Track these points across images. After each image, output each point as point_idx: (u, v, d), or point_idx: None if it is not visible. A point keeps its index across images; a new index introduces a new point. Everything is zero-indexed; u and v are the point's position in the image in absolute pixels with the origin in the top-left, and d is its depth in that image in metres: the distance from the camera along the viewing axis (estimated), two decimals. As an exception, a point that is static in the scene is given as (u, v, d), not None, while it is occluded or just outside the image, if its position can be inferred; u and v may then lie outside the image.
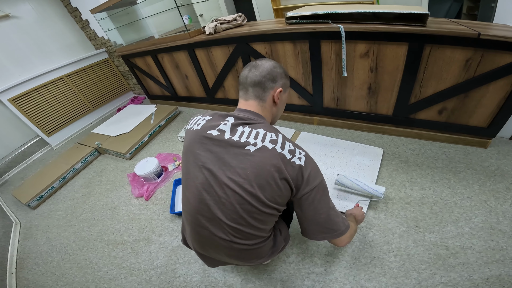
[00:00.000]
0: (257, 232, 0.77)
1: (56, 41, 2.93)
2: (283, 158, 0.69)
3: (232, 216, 0.72)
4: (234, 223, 0.72)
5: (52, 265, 1.46)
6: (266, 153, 0.69)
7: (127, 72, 3.47)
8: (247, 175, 0.68)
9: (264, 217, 0.74)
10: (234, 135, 0.73)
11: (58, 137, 2.96)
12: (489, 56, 1.19)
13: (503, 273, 0.96)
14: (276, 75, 0.80)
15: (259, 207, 0.71)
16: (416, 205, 1.28)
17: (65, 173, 2.16)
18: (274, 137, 0.72)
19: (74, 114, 3.07)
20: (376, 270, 1.07)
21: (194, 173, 0.76)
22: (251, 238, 0.77)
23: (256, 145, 0.70)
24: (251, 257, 0.83)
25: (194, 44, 2.12)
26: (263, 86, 0.80)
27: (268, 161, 0.68)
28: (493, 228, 1.11)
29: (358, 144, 1.73)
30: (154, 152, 2.26)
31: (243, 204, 0.70)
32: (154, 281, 1.25)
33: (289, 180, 0.70)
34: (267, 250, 0.85)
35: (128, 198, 1.80)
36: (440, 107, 1.47)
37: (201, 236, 0.79)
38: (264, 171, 0.68)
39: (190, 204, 0.77)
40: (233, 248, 0.77)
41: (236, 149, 0.71)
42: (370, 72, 1.53)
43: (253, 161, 0.69)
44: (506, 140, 1.53)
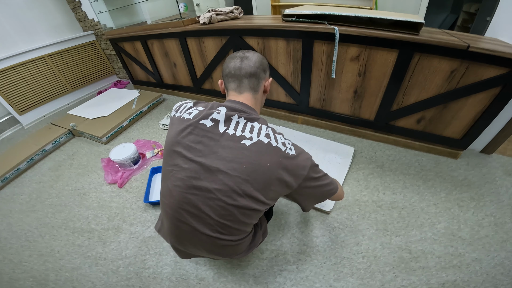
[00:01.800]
0: (243, 227, 0.76)
1: (43, 22, 2.77)
2: (278, 151, 0.69)
3: (221, 212, 0.70)
4: (223, 219, 0.71)
5: (11, 252, 1.36)
6: (263, 147, 0.68)
7: (113, 56, 3.33)
8: (243, 170, 0.67)
9: (253, 213, 0.74)
10: (229, 127, 0.71)
11: (30, 116, 2.77)
12: (474, 69, 1.23)
13: (458, 279, 1.02)
14: (266, 66, 0.83)
15: (251, 204, 0.69)
16: (386, 209, 1.32)
17: (34, 154, 2.02)
18: (268, 131, 0.72)
19: (51, 94, 2.89)
20: (344, 270, 1.10)
21: (181, 165, 0.72)
22: (236, 234, 0.76)
23: (252, 139, 0.68)
24: (231, 252, 0.82)
25: (186, 32, 2.06)
26: (258, 77, 0.80)
27: (265, 156, 0.67)
28: (454, 235, 1.18)
29: (332, 142, 1.78)
30: (133, 138, 2.18)
31: (236, 200, 0.68)
32: (121, 271, 1.20)
33: (288, 172, 0.70)
34: (246, 246, 0.85)
35: (100, 184, 1.72)
36: (419, 116, 1.53)
37: (181, 231, 0.76)
38: (261, 166, 0.67)
39: (173, 198, 0.73)
40: (215, 245, 0.76)
41: (231, 143, 0.68)
42: (358, 76, 1.55)
43: (249, 156, 0.67)
44: (476, 152, 1.62)
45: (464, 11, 2.97)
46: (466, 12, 2.94)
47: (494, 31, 1.40)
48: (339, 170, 1.54)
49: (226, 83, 0.83)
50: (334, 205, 1.35)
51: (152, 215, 1.44)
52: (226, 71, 0.82)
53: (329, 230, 1.26)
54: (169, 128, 0.80)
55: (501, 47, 1.15)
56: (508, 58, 1.12)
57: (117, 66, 3.46)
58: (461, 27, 3.03)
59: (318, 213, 1.34)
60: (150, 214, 1.45)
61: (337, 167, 1.56)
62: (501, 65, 1.16)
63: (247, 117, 0.73)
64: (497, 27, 1.39)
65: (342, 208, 1.35)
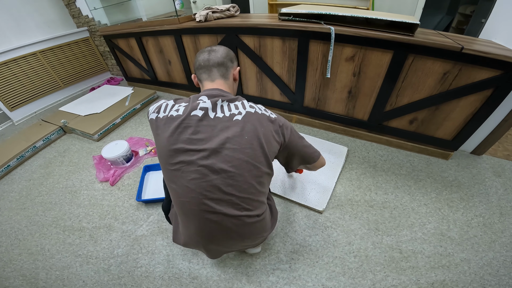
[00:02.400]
0: (262, 198, 0.84)
1: (36, 17, 2.72)
2: (265, 115, 0.80)
3: (243, 186, 0.75)
4: (245, 193, 0.76)
5: (0, 251, 1.34)
6: (253, 116, 0.77)
7: (106, 53, 3.29)
8: (246, 141, 0.74)
9: (266, 179, 0.83)
10: (217, 111, 0.77)
11: (21, 112, 2.72)
12: (467, 71, 1.24)
13: (447, 279, 1.04)
14: (232, 57, 0.92)
15: (263, 168, 0.78)
16: (378, 209, 1.34)
17: (24, 151, 1.98)
18: (250, 103, 0.82)
19: (42, 90, 2.84)
20: (336, 269, 1.11)
21: (188, 159, 0.73)
22: (259, 207, 0.83)
23: (241, 114, 0.77)
24: (260, 230, 0.86)
25: (182, 30, 2.04)
26: (226, 66, 0.88)
27: (257, 122, 0.77)
28: (443, 235, 1.20)
29: (326, 142, 1.80)
30: (126, 135, 2.15)
31: (251, 171, 0.75)
32: (113, 270, 1.19)
33: (277, 129, 0.81)
34: (269, 220, 0.92)
35: (91, 182, 1.70)
36: (411, 117, 1.54)
37: (210, 225, 0.77)
38: (258, 131, 0.76)
39: (193, 192, 0.73)
40: (245, 225, 0.79)
41: (226, 123, 0.75)
42: (352, 76, 1.56)
43: (245, 127, 0.75)
44: (467, 154, 1.65)
45: (459, 13, 3.00)
46: (461, 14, 2.97)
47: (488, 33, 1.42)
48: (333, 170, 1.55)
49: (198, 75, 0.90)
50: (327, 205, 1.36)
51: (144, 214, 1.43)
52: (196, 64, 0.89)
53: (321, 229, 1.26)
54: (157, 130, 0.79)
55: (494, 49, 1.17)
56: (501, 60, 1.13)
57: (111, 63, 3.42)
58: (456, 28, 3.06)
59: (311, 213, 1.34)
60: (142, 213, 1.43)
61: (330, 167, 1.57)
62: (494, 67, 1.17)
63: (227, 99, 0.80)
64: (492, 29, 1.41)
65: (335, 207, 1.36)
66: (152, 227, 1.35)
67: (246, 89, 2.13)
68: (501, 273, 1.05)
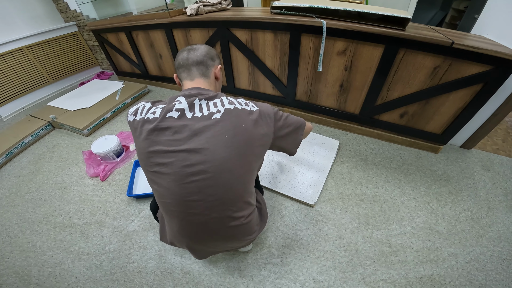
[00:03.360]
0: (247, 198, 0.80)
1: (22, 12, 2.64)
2: (245, 111, 0.76)
3: (224, 187, 0.73)
4: (227, 194, 0.74)
5: (-9, 248, 1.33)
6: (232, 112, 0.74)
7: (96, 47, 3.22)
8: (226, 140, 0.71)
9: (249, 178, 0.79)
10: (195, 111, 0.73)
11: (9, 108, 2.66)
12: (457, 66, 1.25)
13: (435, 273, 1.07)
14: (213, 55, 0.89)
15: (246, 167, 0.75)
16: (368, 203, 1.35)
17: (12, 147, 1.94)
18: (229, 99, 0.78)
19: (30, 85, 2.78)
20: (327, 263, 1.12)
21: (166, 161, 0.71)
22: (244, 208, 0.80)
23: (220, 112, 0.73)
24: (245, 233, 0.85)
25: (173, 24, 2.00)
26: (206, 64, 0.85)
27: (237, 118, 0.73)
28: (432, 229, 1.22)
29: (317, 135, 1.80)
30: (116, 130, 2.13)
31: (232, 170, 0.72)
32: (105, 266, 1.19)
33: (261, 123, 0.77)
34: (255, 223, 0.89)
35: (82, 178, 1.68)
36: (402, 111, 1.55)
37: (193, 225, 0.77)
38: (238, 129, 0.72)
39: (175, 194, 0.73)
40: (228, 227, 0.79)
41: (204, 122, 0.72)
42: (344, 70, 1.55)
43: (224, 125, 0.72)
44: (456, 147, 1.67)
45: (453, 8, 3.00)
46: (455, 9, 2.98)
47: (480, 29, 1.43)
48: (324, 163, 1.56)
49: (178, 75, 0.89)
50: (318, 198, 1.37)
51: (135, 209, 1.42)
52: (176, 63, 0.88)
53: (312, 223, 1.28)
54: (135, 133, 0.78)
55: (485, 44, 1.17)
56: (491, 56, 1.14)
57: (101, 57, 3.35)
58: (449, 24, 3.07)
59: (302, 206, 1.35)
60: (133, 208, 1.43)
61: (322, 160, 1.58)
62: (484, 62, 1.18)
63: (206, 97, 0.77)
64: (484, 24, 1.41)
65: (326, 201, 1.37)
66: (144, 222, 1.34)
67: (238, 83, 2.11)
68: (488, 268, 1.08)
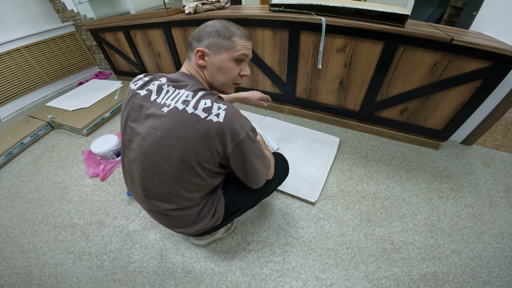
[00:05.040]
0: (171, 196, 0.76)
1: (19, 12, 2.62)
2: (195, 117, 0.64)
3: (148, 174, 0.73)
4: (148, 182, 0.75)
5: (-9, 249, 1.33)
6: (176, 114, 0.66)
7: (94, 47, 3.20)
8: (157, 136, 0.67)
9: (176, 180, 0.72)
10: (159, 96, 0.71)
11: (7, 109, 2.65)
12: (456, 62, 1.25)
13: (438, 270, 1.06)
14: (202, 34, 0.73)
15: (170, 169, 0.70)
16: (370, 200, 1.35)
17: (11, 148, 1.93)
18: (188, 97, 0.68)
19: (28, 86, 2.77)
20: (329, 261, 1.12)
21: (123, 130, 0.78)
22: (167, 201, 0.78)
23: (169, 107, 0.67)
24: (170, 224, 0.87)
25: (171, 22, 1.98)
26: (191, 46, 0.76)
27: (178, 123, 0.65)
28: (434, 226, 1.22)
29: (318, 132, 1.80)
30: (115, 130, 2.12)
31: (155, 165, 0.70)
32: (106, 266, 1.19)
33: (211, 138, 0.65)
34: (187, 220, 0.85)
35: (81, 178, 1.67)
36: (402, 107, 1.55)
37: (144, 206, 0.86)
38: (173, 132, 0.66)
39: (126, 172, 0.84)
40: (153, 210, 0.82)
41: (154, 110, 0.69)
42: (343, 67, 1.55)
43: (164, 123, 0.66)
44: (457, 144, 1.67)
45: (451, 6, 3.00)
46: (453, 7, 2.98)
47: (479, 25, 1.42)
48: (325, 161, 1.56)
49: None
50: (319, 196, 1.37)
51: (136, 208, 1.41)
52: None
53: (314, 221, 1.27)
54: None
55: (484, 41, 1.17)
56: (490, 52, 1.13)
57: (99, 57, 3.33)
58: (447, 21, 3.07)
59: (303, 204, 1.35)
60: (134, 207, 1.42)
61: (322, 158, 1.58)
62: (483, 59, 1.18)
63: (176, 85, 0.72)
64: (482, 21, 1.41)
65: (327, 198, 1.37)
66: (145, 222, 1.34)
67: (238, 81, 2.10)
68: (491, 264, 1.07)
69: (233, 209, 0.93)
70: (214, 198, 0.89)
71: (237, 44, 0.72)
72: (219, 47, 0.72)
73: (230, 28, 0.73)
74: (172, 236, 1.26)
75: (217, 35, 0.72)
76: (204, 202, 0.85)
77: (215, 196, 0.89)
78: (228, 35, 0.72)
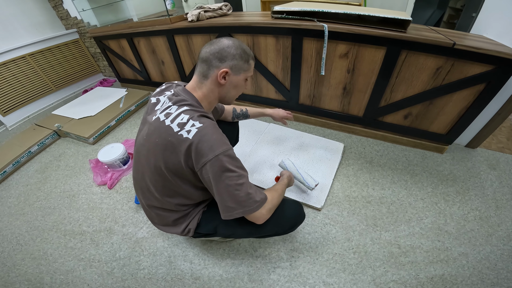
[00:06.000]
0: (162, 197, 0.85)
1: (22, 19, 2.66)
2: (168, 130, 0.71)
3: (146, 171, 0.83)
4: (146, 181, 0.85)
5: (3, 256, 1.34)
6: (156, 124, 0.75)
7: (98, 54, 3.24)
8: (143, 140, 0.80)
9: (161, 181, 0.81)
10: (159, 105, 0.83)
11: (14, 117, 2.68)
12: (459, 66, 1.26)
13: (446, 273, 1.06)
14: (226, 55, 0.75)
15: (155, 173, 0.79)
16: (376, 204, 1.36)
17: (19, 157, 1.96)
18: (171, 110, 0.75)
19: (34, 94, 2.80)
20: (337, 266, 1.13)
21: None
22: (153, 200, 0.89)
23: (155, 115, 0.78)
24: (158, 220, 0.97)
25: (174, 30, 2.02)
26: (209, 64, 0.77)
27: (156, 132, 0.75)
28: (441, 229, 1.22)
29: (322, 138, 1.81)
30: (121, 138, 2.14)
31: (145, 165, 0.82)
32: (116, 273, 1.20)
33: (179, 153, 0.70)
34: (169, 220, 0.93)
35: (89, 186, 1.70)
36: (406, 112, 1.56)
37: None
38: (152, 139, 0.76)
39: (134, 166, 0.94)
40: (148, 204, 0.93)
41: (150, 117, 0.81)
42: (347, 73, 1.56)
43: (148, 129, 0.78)
44: (461, 147, 1.68)
45: (450, 7, 3.01)
46: (452, 8, 2.99)
47: (479, 28, 1.43)
48: (330, 167, 1.57)
49: None
50: (325, 202, 1.37)
51: (144, 216, 1.43)
52: None
53: (320, 226, 1.28)
54: None
55: (486, 44, 1.18)
56: (492, 56, 1.14)
57: (103, 64, 3.38)
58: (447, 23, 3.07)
59: (309, 210, 1.36)
60: (142, 215, 1.44)
61: (327, 164, 1.59)
62: (486, 62, 1.19)
63: (172, 98, 0.79)
64: (483, 23, 1.42)
65: (333, 204, 1.38)
66: (153, 229, 1.36)
67: (242, 87, 2.12)
68: (499, 266, 1.08)
69: (204, 230, 0.94)
70: (195, 211, 0.95)
71: (252, 66, 0.83)
72: (240, 69, 0.79)
73: (247, 51, 0.80)
74: (180, 243, 1.28)
75: (240, 58, 0.77)
76: (184, 212, 0.92)
77: (197, 210, 0.95)
78: (247, 58, 0.79)
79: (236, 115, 1.27)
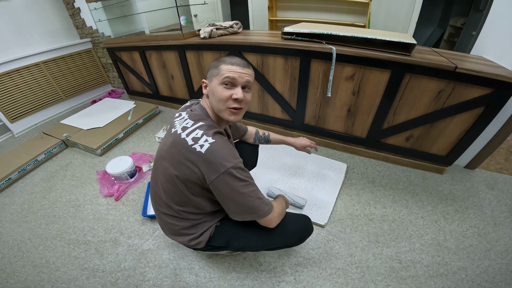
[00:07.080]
0: (173, 205, 0.89)
1: (39, 26, 2.73)
2: (183, 143, 0.77)
3: (162, 181, 0.88)
4: (161, 189, 0.90)
5: (3, 262, 1.33)
6: (174, 136, 0.81)
7: (108, 65, 3.32)
8: (164, 150, 0.85)
9: (174, 189, 0.85)
10: (179, 119, 0.89)
11: (21, 124, 2.69)
12: (460, 89, 1.31)
13: (446, 286, 1.09)
14: (210, 68, 0.88)
15: (170, 182, 0.84)
16: (377, 222, 1.39)
17: (25, 164, 1.98)
18: (189, 125, 0.81)
19: (43, 102, 2.82)
20: (340, 280, 1.14)
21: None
22: (167, 207, 0.92)
23: (175, 128, 0.84)
24: (165, 229, 1.01)
25: (186, 46, 2.09)
26: None
27: (173, 144, 0.80)
28: (440, 245, 1.26)
29: (325, 159, 1.85)
30: (129, 151, 2.18)
31: (163, 173, 0.86)
32: (120, 283, 1.20)
33: (192, 165, 0.76)
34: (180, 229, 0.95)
35: (95, 197, 1.71)
36: (408, 134, 1.61)
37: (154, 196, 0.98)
38: (170, 151, 0.81)
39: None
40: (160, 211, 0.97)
41: (172, 129, 0.87)
42: (352, 95, 1.62)
43: (168, 140, 0.84)
44: (461, 168, 1.73)
45: (451, 25, 3.06)
46: (452, 26, 3.04)
47: (479, 49, 1.49)
48: (333, 186, 1.60)
49: None
50: (328, 219, 1.40)
51: (150, 228, 1.44)
52: None
53: (324, 242, 1.30)
54: None
55: (485, 67, 1.23)
56: (491, 79, 1.19)
57: (112, 75, 3.44)
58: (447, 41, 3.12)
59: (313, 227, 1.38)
60: (148, 227, 1.45)
61: (331, 183, 1.62)
62: (485, 86, 1.24)
63: (190, 113, 0.88)
64: (483, 44, 1.47)
65: (336, 221, 1.41)
66: (158, 241, 1.36)
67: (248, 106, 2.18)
68: (497, 279, 1.11)
69: (217, 243, 0.97)
70: (207, 224, 0.96)
71: (222, 69, 0.81)
72: (211, 76, 0.85)
73: (221, 59, 0.85)
74: (186, 256, 1.29)
75: (212, 66, 0.86)
76: (194, 222, 0.94)
77: (208, 224, 0.96)
78: (217, 64, 0.84)
79: (257, 138, 1.31)
